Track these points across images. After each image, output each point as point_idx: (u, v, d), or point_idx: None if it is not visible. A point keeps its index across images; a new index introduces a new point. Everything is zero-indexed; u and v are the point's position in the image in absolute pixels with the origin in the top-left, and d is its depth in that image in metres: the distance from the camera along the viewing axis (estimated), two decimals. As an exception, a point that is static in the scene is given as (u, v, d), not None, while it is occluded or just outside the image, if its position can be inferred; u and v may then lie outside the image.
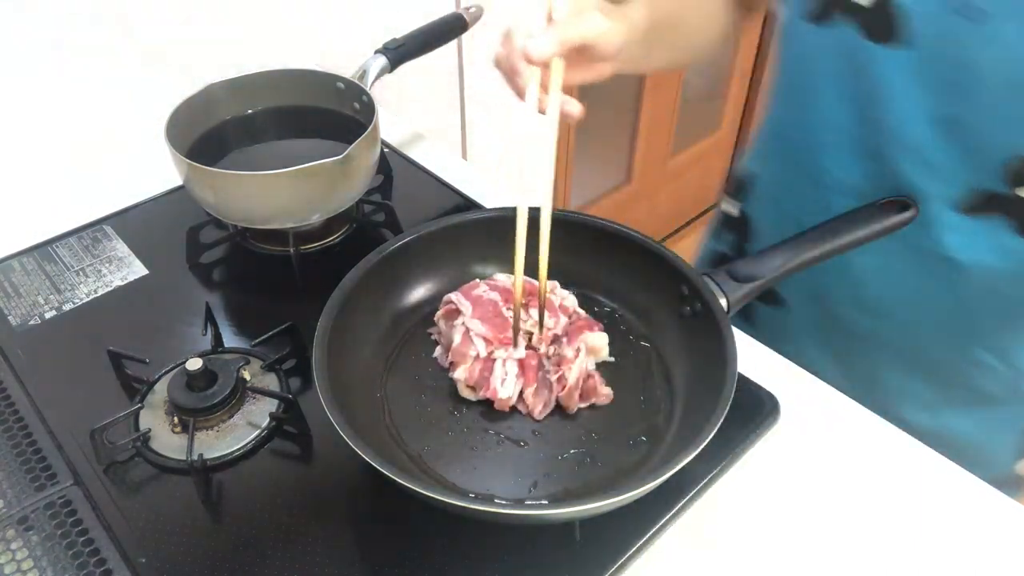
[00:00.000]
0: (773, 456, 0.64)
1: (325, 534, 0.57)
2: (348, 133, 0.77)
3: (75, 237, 0.83)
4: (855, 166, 0.70)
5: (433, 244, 0.71)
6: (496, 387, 0.61)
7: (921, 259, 0.70)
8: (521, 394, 0.62)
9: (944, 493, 0.62)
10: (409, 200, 0.89)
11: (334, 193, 0.77)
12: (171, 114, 0.77)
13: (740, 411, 0.62)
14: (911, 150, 0.66)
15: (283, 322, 0.69)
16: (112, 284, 0.78)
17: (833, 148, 0.71)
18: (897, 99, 0.64)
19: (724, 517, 0.60)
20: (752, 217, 0.85)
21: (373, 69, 0.87)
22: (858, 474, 0.63)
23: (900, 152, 0.66)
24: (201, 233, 0.82)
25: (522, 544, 0.56)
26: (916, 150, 0.65)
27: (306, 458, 0.63)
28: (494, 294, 0.65)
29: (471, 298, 0.65)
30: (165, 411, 0.65)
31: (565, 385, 0.62)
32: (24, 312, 0.74)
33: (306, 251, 0.82)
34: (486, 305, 0.64)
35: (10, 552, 0.54)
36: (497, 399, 0.61)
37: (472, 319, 0.63)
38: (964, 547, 0.58)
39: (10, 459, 0.60)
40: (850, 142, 0.69)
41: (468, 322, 0.63)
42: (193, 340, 0.71)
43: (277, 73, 0.86)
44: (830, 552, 0.58)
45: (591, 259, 0.71)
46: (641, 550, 0.57)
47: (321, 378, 0.56)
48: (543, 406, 0.62)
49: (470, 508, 0.50)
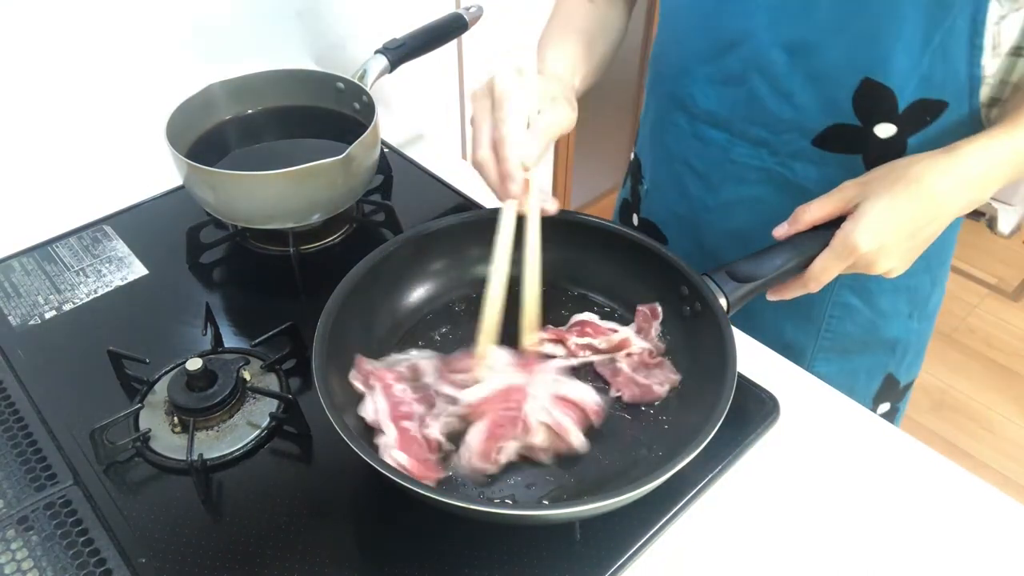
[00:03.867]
0: (773, 456, 0.64)
1: (325, 534, 0.57)
2: (348, 133, 0.77)
3: (75, 237, 0.84)
4: (719, 95, 0.73)
5: (433, 244, 0.71)
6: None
7: (783, 191, 0.74)
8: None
9: (943, 493, 0.62)
10: (409, 200, 0.89)
11: (334, 193, 0.77)
12: (171, 114, 0.77)
13: (740, 411, 0.63)
14: (768, 78, 0.69)
15: (283, 322, 0.69)
16: (112, 284, 0.78)
17: (700, 76, 0.74)
18: (749, 24, 0.68)
19: (724, 517, 0.60)
20: (641, 157, 0.90)
21: (373, 69, 0.87)
22: (858, 474, 0.63)
23: (759, 80, 0.70)
24: (201, 233, 0.82)
25: (522, 544, 0.56)
26: (773, 78, 0.69)
27: (306, 458, 0.63)
28: (416, 407, 0.60)
29: (392, 415, 0.58)
30: (165, 411, 0.65)
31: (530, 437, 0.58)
32: (24, 312, 0.74)
33: (306, 251, 0.82)
34: (409, 435, 0.58)
35: (10, 552, 0.54)
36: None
37: (397, 450, 0.56)
38: (963, 546, 0.58)
39: (10, 459, 0.60)
40: (712, 70, 0.73)
41: (393, 453, 0.56)
42: (193, 340, 0.71)
43: (277, 73, 0.86)
44: (830, 552, 0.58)
45: (591, 259, 0.71)
46: (641, 550, 0.57)
47: (321, 378, 0.56)
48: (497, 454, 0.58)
49: (470, 508, 0.50)
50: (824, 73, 0.66)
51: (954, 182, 0.60)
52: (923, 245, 0.62)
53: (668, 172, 0.84)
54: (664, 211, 0.88)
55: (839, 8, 0.63)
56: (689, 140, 0.79)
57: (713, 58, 0.72)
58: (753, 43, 0.68)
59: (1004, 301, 2.24)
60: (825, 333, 0.82)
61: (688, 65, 0.75)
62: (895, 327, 0.82)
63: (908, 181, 0.59)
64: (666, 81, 0.80)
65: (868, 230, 0.59)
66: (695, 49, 0.74)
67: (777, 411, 0.66)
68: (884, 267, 0.61)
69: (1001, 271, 2.31)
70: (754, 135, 0.73)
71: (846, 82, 0.66)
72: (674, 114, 0.79)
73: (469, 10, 0.95)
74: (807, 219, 0.62)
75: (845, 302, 0.79)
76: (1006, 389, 2.00)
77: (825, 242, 0.61)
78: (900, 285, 0.78)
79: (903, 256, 0.61)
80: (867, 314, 0.80)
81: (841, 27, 0.64)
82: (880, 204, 0.59)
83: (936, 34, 0.62)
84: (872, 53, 0.64)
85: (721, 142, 0.76)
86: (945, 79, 0.64)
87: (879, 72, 0.64)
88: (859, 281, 0.78)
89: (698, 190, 0.81)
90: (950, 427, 1.90)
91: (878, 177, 0.61)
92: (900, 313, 0.81)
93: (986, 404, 1.96)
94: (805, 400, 0.68)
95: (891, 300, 0.80)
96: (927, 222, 0.60)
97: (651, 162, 0.87)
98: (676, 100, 0.78)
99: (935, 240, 0.65)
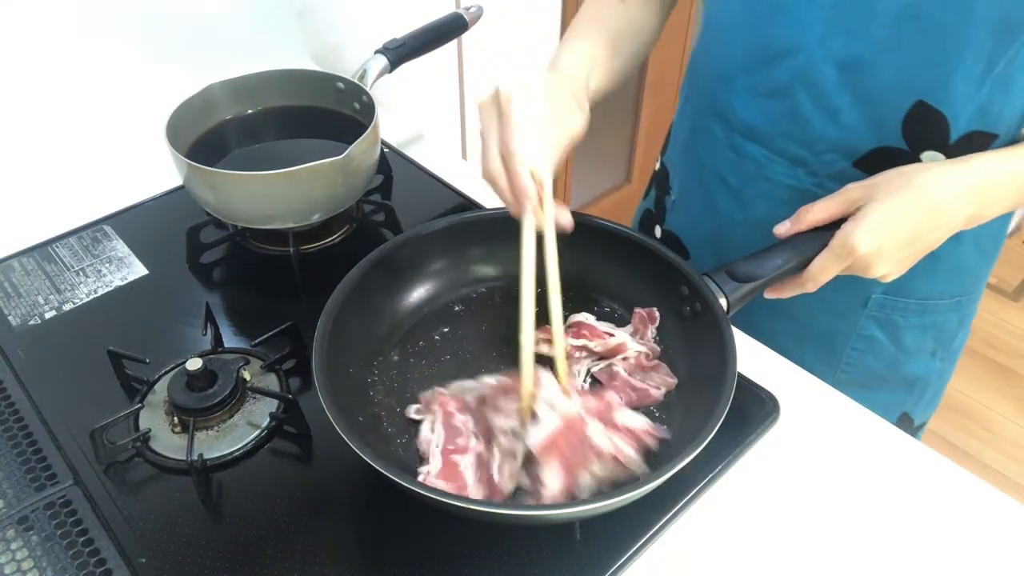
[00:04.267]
0: (773, 456, 0.64)
1: (325, 534, 0.57)
2: (348, 133, 0.77)
3: (75, 237, 0.83)
4: (760, 108, 0.70)
5: (433, 244, 0.71)
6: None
7: None
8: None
9: (943, 493, 0.62)
10: (409, 200, 0.89)
11: (334, 193, 0.77)
12: (171, 114, 0.77)
13: (740, 411, 0.63)
14: (814, 93, 0.66)
15: (283, 322, 0.69)
16: (112, 284, 0.78)
17: (742, 86, 0.71)
18: (802, 35, 0.64)
19: (724, 517, 0.60)
20: (669, 167, 0.87)
21: (373, 69, 0.87)
22: (858, 474, 0.63)
23: (804, 95, 0.66)
24: (201, 233, 0.82)
25: (522, 544, 0.56)
26: (820, 94, 0.66)
27: (306, 458, 0.63)
28: (475, 444, 0.58)
29: (444, 449, 0.57)
30: (165, 411, 0.65)
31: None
32: (24, 312, 0.74)
33: (306, 251, 0.81)
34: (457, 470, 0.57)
35: (10, 552, 0.54)
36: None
37: (436, 478, 0.56)
38: (963, 547, 0.58)
39: (10, 459, 0.60)
40: (756, 81, 0.69)
41: (430, 480, 0.56)
42: (193, 340, 0.71)
43: (277, 73, 0.86)
44: (830, 551, 0.58)
45: (591, 259, 0.71)
46: (641, 550, 0.57)
47: (321, 378, 0.56)
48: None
49: (470, 508, 0.50)
50: (875, 93, 0.63)
51: (959, 193, 0.59)
52: (921, 253, 0.62)
53: (698, 184, 0.80)
54: (689, 224, 0.85)
55: (900, 25, 0.59)
56: (724, 152, 0.75)
57: (758, 68, 0.68)
58: (802, 56, 0.65)
59: (1004, 301, 2.24)
60: (845, 366, 0.80)
61: (730, 73, 0.71)
62: (917, 365, 0.80)
63: (913, 188, 0.59)
64: (705, 89, 0.76)
65: (868, 232, 0.58)
66: (739, 57, 0.70)
67: (777, 411, 0.66)
68: (880, 271, 0.61)
69: (1001, 271, 2.31)
70: (793, 153, 0.70)
71: (898, 104, 0.63)
72: (710, 123, 0.76)
73: (469, 10, 0.95)
74: (810, 219, 0.62)
75: (870, 335, 0.77)
76: (1006, 389, 2.00)
77: (824, 243, 0.61)
78: (928, 323, 0.76)
79: (900, 262, 0.61)
80: (891, 349, 0.78)
81: (899, 45, 0.60)
82: (883, 208, 0.59)
83: (1000, 60, 0.59)
84: (930, 76, 0.61)
85: (758, 157, 0.72)
86: (1002, 110, 0.62)
87: (934, 97, 0.61)
88: (885, 313, 0.76)
89: (728, 205, 0.78)
90: (950, 427, 1.90)
91: (883, 181, 0.60)
92: (924, 350, 0.79)
93: (986, 404, 1.96)
94: (805, 400, 0.68)
95: (917, 337, 0.77)
96: (928, 231, 0.60)
97: (681, 172, 0.84)
98: (714, 109, 0.75)
99: (968, 282, 0.64)
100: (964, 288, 0.76)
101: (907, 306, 0.75)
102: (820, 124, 0.67)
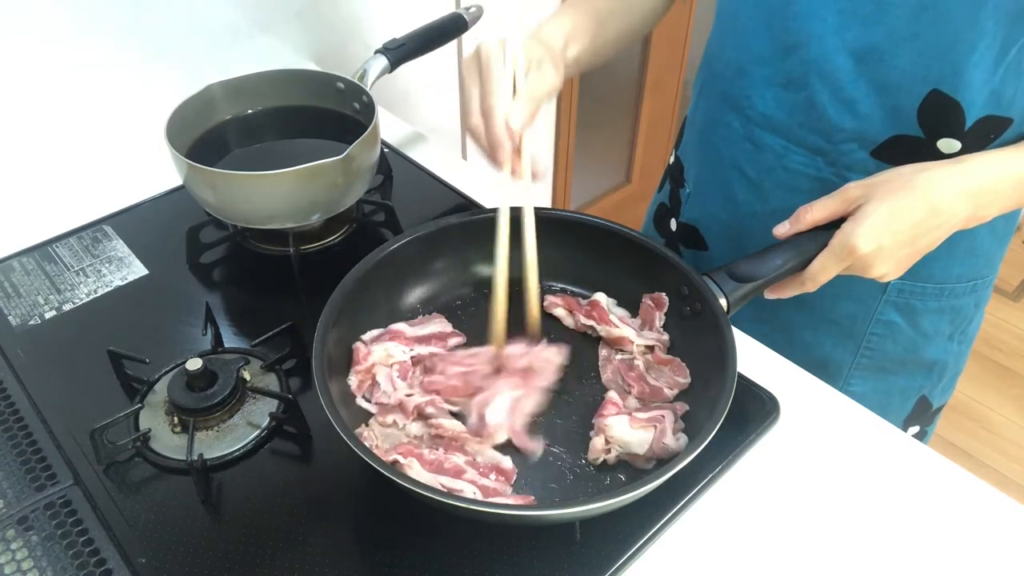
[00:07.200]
0: (773, 456, 0.64)
1: (325, 534, 0.57)
2: (348, 133, 0.77)
3: (75, 237, 0.84)
4: (778, 99, 0.71)
5: (432, 244, 0.71)
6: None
7: None
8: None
9: (943, 492, 0.62)
10: (409, 200, 0.89)
11: (334, 193, 0.77)
12: (171, 114, 0.77)
13: (740, 411, 0.63)
14: (830, 84, 0.67)
15: (283, 322, 0.69)
16: (112, 284, 0.78)
17: (759, 78, 0.72)
18: (816, 26, 0.65)
19: (724, 517, 0.60)
20: (684, 160, 0.87)
21: (373, 69, 0.87)
22: (857, 474, 0.63)
23: (820, 86, 0.67)
24: (201, 233, 0.82)
25: (522, 544, 0.56)
26: (836, 85, 0.66)
27: (306, 458, 0.63)
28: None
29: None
30: (165, 411, 0.65)
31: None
32: (24, 312, 0.74)
33: (306, 251, 0.81)
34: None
35: (10, 552, 0.54)
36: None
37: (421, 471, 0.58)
38: (963, 546, 0.58)
39: (10, 459, 0.60)
40: (772, 72, 0.70)
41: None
42: (193, 340, 0.71)
43: (277, 73, 0.86)
44: (830, 551, 0.58)
45: (591, 259, 0.71)
46: (641, 550, 0.57)
47: (321, 378, 0.56)
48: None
49: (470, 508, 0.50)
50: (891, 82, 0.64)
51: (958, 193, 0.59)
52: (920, 253, 0.62)
53: (715, 176, 0.81)
54: (706, 216, 0.85)
55: (914, 16, 0.61)
56: (742, 144, 0.76)
57: (774, 60, 0.69)
58: (817, 47, 0.65)
59: (1004, 301, 2.24)
60: (864, 351, 0.80)
61: (746, 66, 0.72)
62: (935, 348, 0.80)
63: (912, 188, 0.59)
64: (721, 81, 0.77)
65: (868, 232, 0.59)
66: (755, 49, 0.71)
67: (777, 411, 0.66)
68: (879, 271, 0.61)
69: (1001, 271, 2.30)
70: (812, 143, 0.70)
71: (913, 92, 0.64)
72: (727, 116, 0.76)
73: (469, 10, 0.95)
74: (809, 219, 0.62)
75: (888, 320, 0.77)
76: (1006, 389, 2.00)
77: (824, 243, 0.61)
78: (945, 306, 0.77)
79: (899, 262, 0.61)
80: (909, 333, 0.78)
81: (914, 35, 0.61)
82: (882, 208, 0.59)
83: (1013, 47, 0.60)
84: (944, 64, 0.61)
85: (776, 148, 0.73)
86: (1015, 96, 0.62)
87: (949, 85, 0.62)
88: (903, 298, 0.76)
89: (747, 196, 0.78)
90: (950, 427, 1.90)
91: (883, 181, 0.61)
92: (942, 334, 0.79)
93: (986, 404, 1.96)
94: (805, 400, 0.68)
95: (935, 321, 0.78)
96: (927, 231, 0.60)
97: (697, 164, 0.84)
98: (731, 101, 0.76)
99: (984, 265, 0.63)
100: (980, 271, 0.76)
101: (925, 291, 0.75)
102: (836, 114, 0.67)
